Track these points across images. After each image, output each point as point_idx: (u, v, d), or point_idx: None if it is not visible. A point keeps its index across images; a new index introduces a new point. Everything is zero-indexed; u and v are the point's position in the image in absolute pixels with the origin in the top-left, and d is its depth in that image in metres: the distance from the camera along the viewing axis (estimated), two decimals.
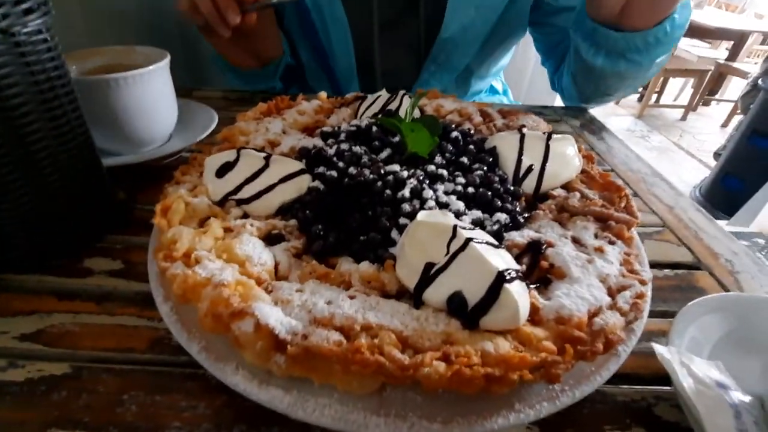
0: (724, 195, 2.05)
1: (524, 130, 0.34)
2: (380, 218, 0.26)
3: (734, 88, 3.54)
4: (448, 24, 0.56)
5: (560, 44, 0.63)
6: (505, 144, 0.33)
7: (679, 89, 3.71)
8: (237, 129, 0.38)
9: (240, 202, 0.29)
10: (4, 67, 0.24)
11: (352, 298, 0.22)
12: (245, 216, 0.29)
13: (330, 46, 0.61)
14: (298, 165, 0.31)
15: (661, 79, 3.30)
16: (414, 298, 0.22)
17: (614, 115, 3.38)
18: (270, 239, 0.27)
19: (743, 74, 3.06)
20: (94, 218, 0.34)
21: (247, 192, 0.29)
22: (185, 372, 0.24)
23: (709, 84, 3.38)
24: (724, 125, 3.22)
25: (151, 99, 0.42)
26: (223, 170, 0.30)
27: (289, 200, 0.30)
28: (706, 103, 3.63)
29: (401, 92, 0.41)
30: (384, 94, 0.42)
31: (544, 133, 0.33)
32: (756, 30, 3.25)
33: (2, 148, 0.26)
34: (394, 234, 0.26)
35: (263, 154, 0.31)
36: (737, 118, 2.82)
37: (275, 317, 0.20)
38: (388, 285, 0.24)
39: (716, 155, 2.53)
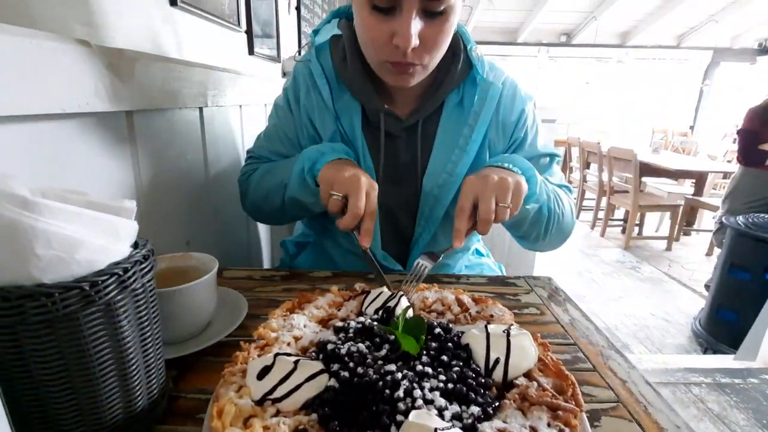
0: (722, 327, 2.07)
1: (490, 326, 0.45)
2: (381, 416, 0.35)
3: (709, 218, 3.82)
4: (426, 183, 0.77)
5: None
6: (476, 341, 0.43)
7: (657, 222, 4.00)
8: (269, 327, 0.49)
9: (274, 401, 0.38)
10: (119, 302, 0.36)
11: None
12: (278, 411, 0.37)
13: None
14: (319, 366, 0.41)
15: (639, 213, 3.60)
16: None
17: (602, 247, 3.58)
18: None
19: (712, 207, 3.35)
20: (153, 409, 0.42)
21: (280, 392, 0.38)
22: None
23: (684, 216, 3.67)
24: (708, 254, 3.39)
25: (202, 300, 0.54)
26: (262, 373, 0.39)
27: (311, 397, 0.38)
28: (687, 233, 3.87)
29: (399, 293, 0.53)
30: (385, 292, 0.54)
31: (504, 331, 0.44)
32: (711, 170, 3.68)
33: (105, 353, 0.35)
34: (393, 430, 0.34)
35: (293, 359, 0.41)
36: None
37: None
38: None
39: (707, 287, 2.62)
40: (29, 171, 0.47)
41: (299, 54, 0.79)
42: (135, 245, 0.40)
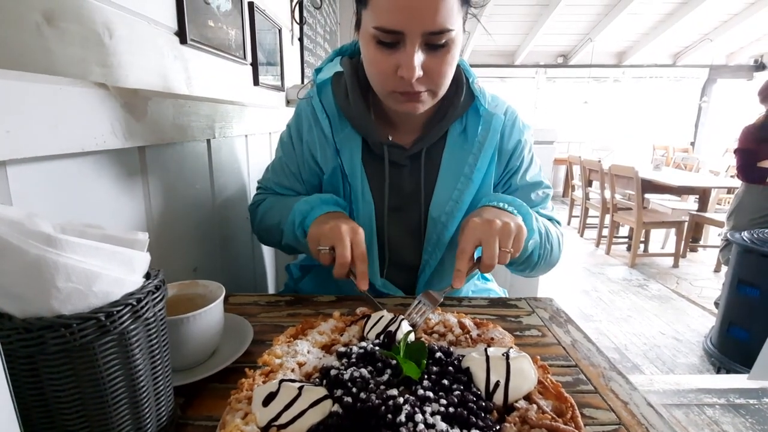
0: (734, 345, 2.04)
1: (489, 350, 0.46)
2: None
3: (715, 234, 3.79)
4: (433, 210, 0.79)
5: None
6: (476, 365, 0.44)
7: (663, 239, 3.98)
8: (273, 353, 0.50)
9: (279, 427, 0.39)
10: (132, 331, 0.37)
11: None
12: None
13: (358, 223, 0.78)
14: (323, 391, 0.42)
15: (643, 230, 3.58)
16: None
17: (608, 265, 3.55)
18: None
19: (717, 223, 3.34)
20: None
21: (285, 418, 0.39)
22: None
23: (689, 232, 3.65)
24: (717, 270, 3.35)
25: (209, 327, 0.56)
26: (267, 400, 0.40)
27: (315, 422, 0.39)
28: (693, 250, 3.84)
29: (400, 317, 0.54)
30: (386, 316, 0.55)
31: (503, 354, 0.45)
32: (714, 186, 3.68)
33: (118, 381, 0.37)
34: None
35: (297, 385, 0.42)
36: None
37: None
38: None
39: (716, 304, 2.59)
40: (50, 205, 0.49)
41: (302, 82, 0.82)
42: (147, 275, 0.42)
